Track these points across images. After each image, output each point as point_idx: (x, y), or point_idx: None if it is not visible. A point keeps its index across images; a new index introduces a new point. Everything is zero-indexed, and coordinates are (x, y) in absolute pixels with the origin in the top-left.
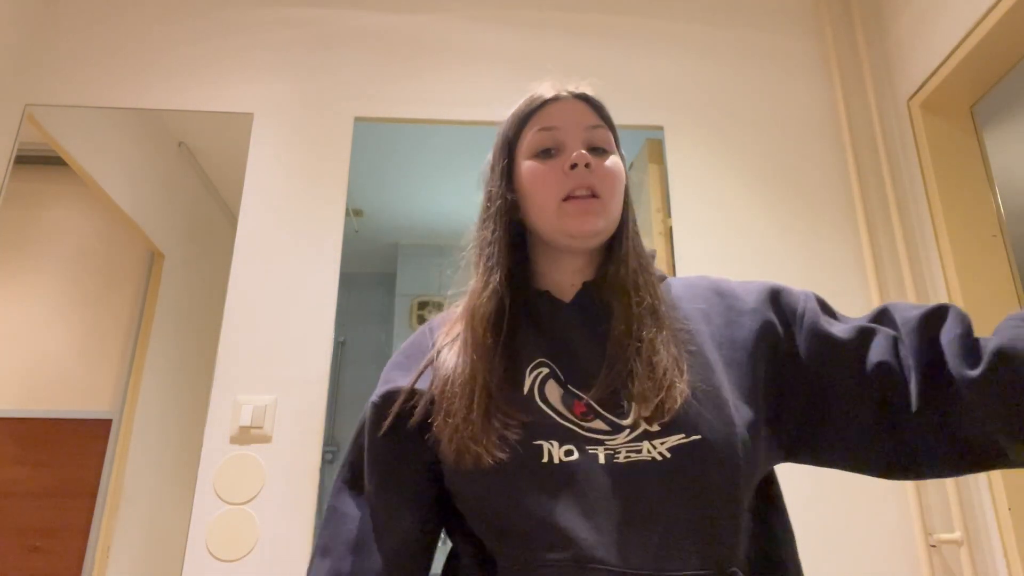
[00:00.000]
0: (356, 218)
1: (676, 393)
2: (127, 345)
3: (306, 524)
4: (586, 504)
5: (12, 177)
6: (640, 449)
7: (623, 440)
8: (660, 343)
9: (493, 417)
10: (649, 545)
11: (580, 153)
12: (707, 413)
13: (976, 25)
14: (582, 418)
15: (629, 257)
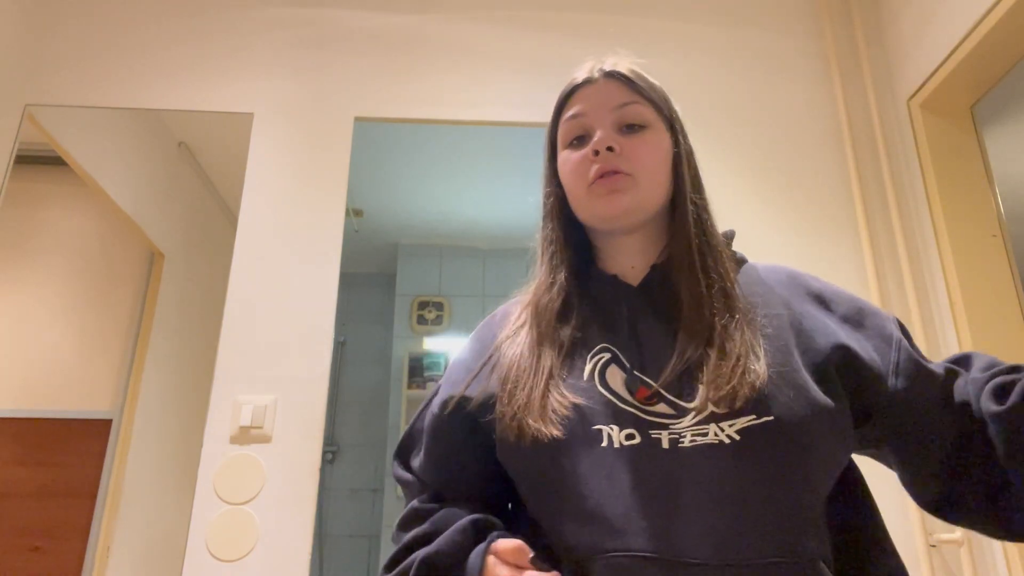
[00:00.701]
0: (356, 218)
1: (752, 378)
2: (127, 345)
3: (306, 524)
4: (647, 490)
5: (12, 177)
6: (707, 432)
7: (689, 423)
8: (734, 328)
9: (553, 401)
10: (715, 532)
11: (600, 138)
12: (783, 395)
13: (976, 25)
14: (645, 402)
15: (689, 233)
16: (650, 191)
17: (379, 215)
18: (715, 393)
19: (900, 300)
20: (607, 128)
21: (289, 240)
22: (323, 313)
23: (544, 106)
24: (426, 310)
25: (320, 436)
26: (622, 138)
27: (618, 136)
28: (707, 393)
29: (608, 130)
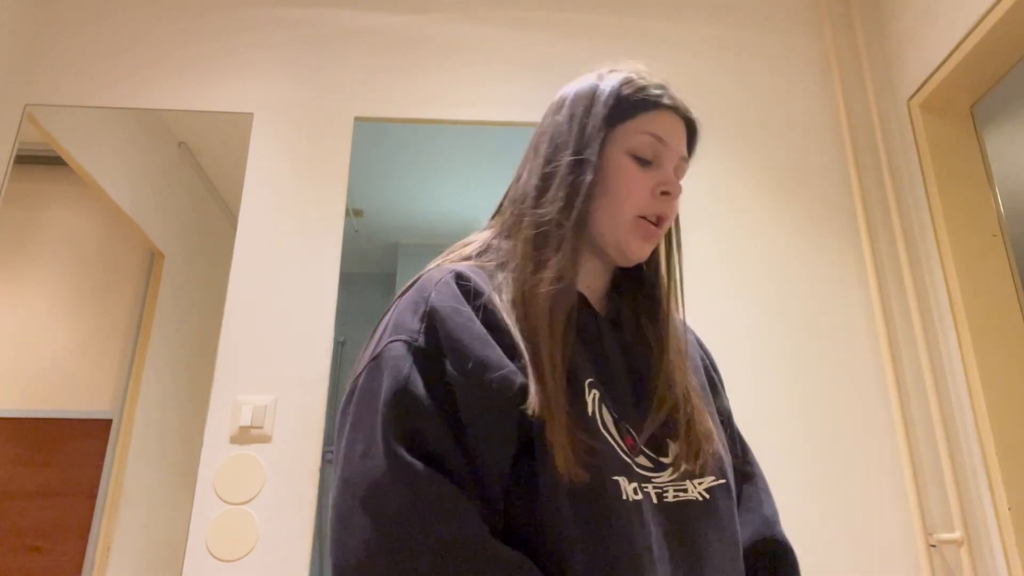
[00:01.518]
0: (356, 218)
1: (712, 438)
2: (127, 345)
3: (306, 524)
4: (660, 551)
5: (12, 177)
6: (686, 488)
7: (667, 478)
8: (695, 384)
9: (577, 440)
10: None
11: (679, 186)
12: (726, 456)
13: (976, 25)
14: (631, 451)
15: (664, 285)
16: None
17: (379, 215)
18: (688, 451)
19: (900, 300)
20: (672, 173)
21: (289, 240)
22: (323, 313)
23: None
24: None
25: (320, 436)
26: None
27: (676, 183)
28: (682, 450)
29: (674, 176)
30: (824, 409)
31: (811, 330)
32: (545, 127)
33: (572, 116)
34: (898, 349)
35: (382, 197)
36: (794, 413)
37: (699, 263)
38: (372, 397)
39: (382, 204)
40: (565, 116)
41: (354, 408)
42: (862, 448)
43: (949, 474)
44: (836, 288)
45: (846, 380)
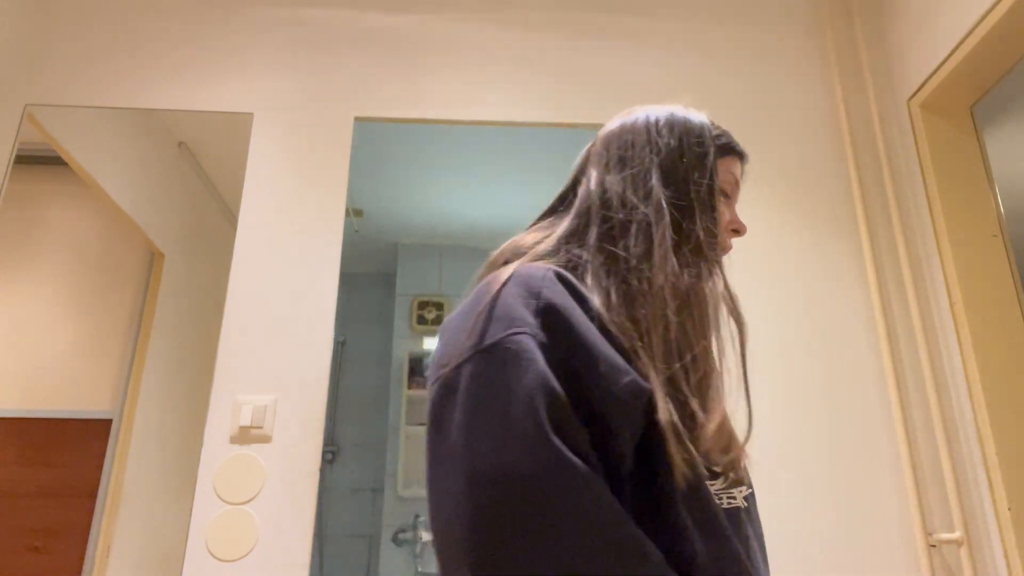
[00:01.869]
0: (356, 218)
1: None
2: (127, 345)
3: (306, 524)
4: (745, 555)
5: (12, 177)
6: (734, 496)
7: (720, 486)
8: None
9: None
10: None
11: (746, 229)
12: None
13: (976, 25)
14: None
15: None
16: None
17: (379, 215)
18: (733, 461)
19: (900, 300)
20: (736, 213)
21: (289, 240)
22: (323, 313)
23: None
24: (426, 310)
25: (320, 436)
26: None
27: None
28: (728, 460)
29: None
30: (824, 409)
31: (811, 330)
32: (638, 141)
33: (682, 140)
34: (898, 349)
35: (382, 197)
36: (794, 413)
37: None
38: (501, 389)
39: (382, 204)
40: (673, 139)
41: (471, 399)
42: (862, 448)
43: (949, 474)
44: (836, 288)
45: (846, 380)
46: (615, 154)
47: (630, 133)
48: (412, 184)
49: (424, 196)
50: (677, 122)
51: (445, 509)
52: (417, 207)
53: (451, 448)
